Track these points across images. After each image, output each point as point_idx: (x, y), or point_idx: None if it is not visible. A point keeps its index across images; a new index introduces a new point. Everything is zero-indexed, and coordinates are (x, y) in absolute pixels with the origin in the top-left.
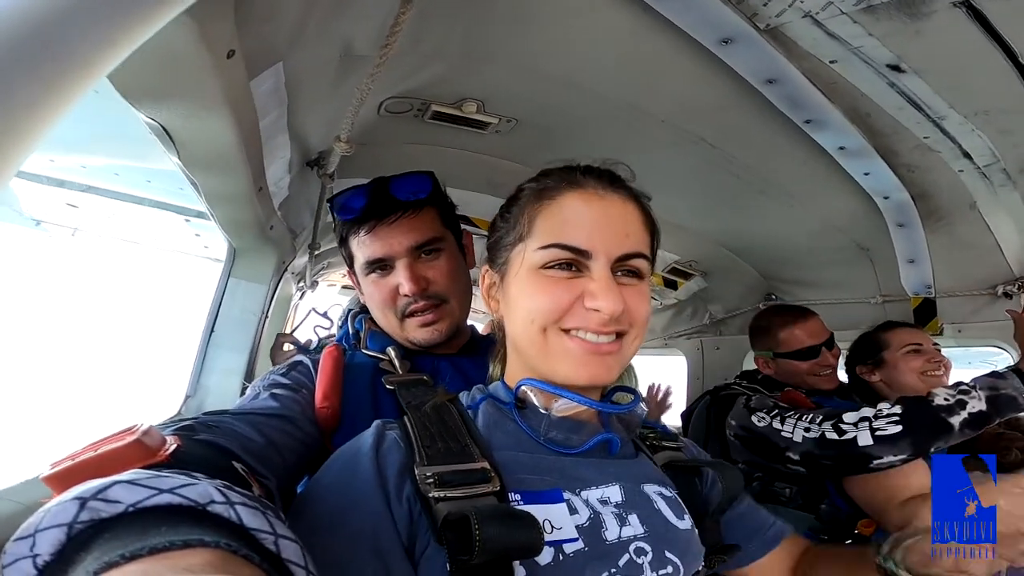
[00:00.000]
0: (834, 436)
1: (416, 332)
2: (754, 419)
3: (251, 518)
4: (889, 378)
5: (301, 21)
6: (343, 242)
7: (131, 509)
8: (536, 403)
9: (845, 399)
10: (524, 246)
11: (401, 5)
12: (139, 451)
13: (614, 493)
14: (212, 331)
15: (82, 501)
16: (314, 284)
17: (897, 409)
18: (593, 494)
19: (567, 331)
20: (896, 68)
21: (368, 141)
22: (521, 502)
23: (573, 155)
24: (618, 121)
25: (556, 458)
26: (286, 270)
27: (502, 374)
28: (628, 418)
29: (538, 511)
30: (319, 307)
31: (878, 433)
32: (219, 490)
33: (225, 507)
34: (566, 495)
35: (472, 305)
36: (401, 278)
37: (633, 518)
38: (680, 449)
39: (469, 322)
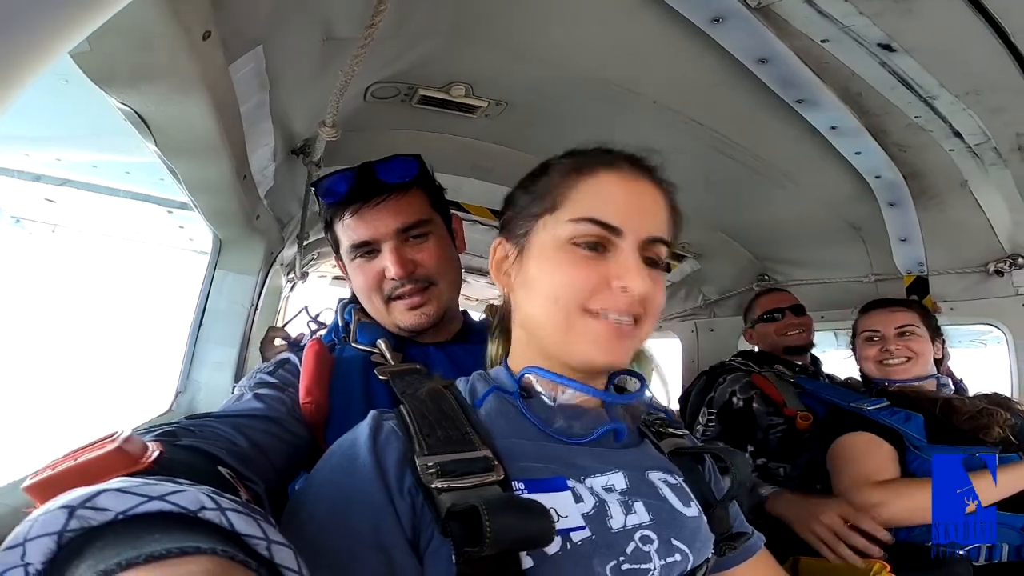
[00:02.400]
0: None
1: (403, 316)
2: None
3: (243, 524)
4: (860, 366)
5: (281, 2)
6: (328, 227)
7: (121, 517)
8: (541, 391)
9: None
10: (553, 218)
11: None
12: (121, 459)
13: (618, 480)
14: (200, 325)
15: (70, 509)
16: (304, 275)
17: None
18: (597, 481)
19: (591, 312)
20: (887, 47)
21: (354, 127)
22: (525, 491)
23: (564, 138)
24: (610, 102)
25: (559, 446)
26: (275, 261)
27: (505, 356)
28: (634, 406)
29: (543, 500)
30: (312, 308)
31: None
32: (209, 496)
33: (216, 513)
34: (570, 483)
35: (464, 291)
36: (387, 261)
37: (639, 506)
38: (684, 436)
39: (461, 308)
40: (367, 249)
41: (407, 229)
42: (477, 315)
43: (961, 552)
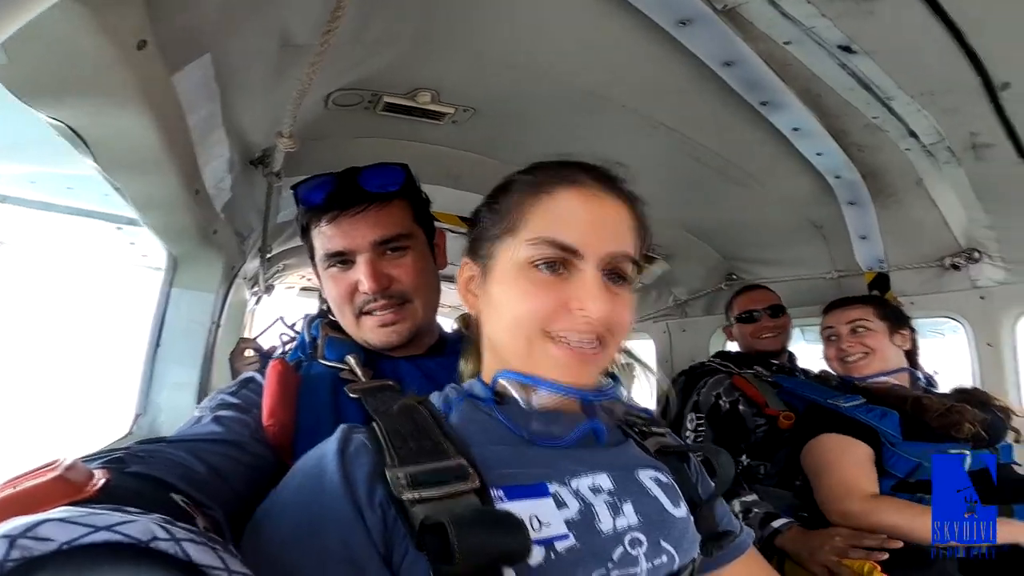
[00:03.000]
0: None
1: (372, 333)
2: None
3: (200, 554)
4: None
5: (228, 9)
6: (304, 232)
7: (65, 547)
8: (516, 396)
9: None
10: (514, 239)
11: None
12: (62, 488)
13: (604, 481)
14: (158, 345)
15: (10, 539)
16: (270, 288)
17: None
18: (583, 482)
19: (551, 336)
20: (847, 49)
21: (316, 136)
22: (504, 499)
23: (534, 143)
24: (578, 107)
25: (539, 451)
26: (236, 276)
27: (477, 371)
28: (611, 405)
29: (523, 507)
30: (287, 318)
31: None
32: (161, 526)
33: (171, 543)
34: (552, 487)
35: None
36: (361, 274)
37: (627, 507)
38: (667, 435)
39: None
40: (341, 259)
41: (385, 242)
42: (450, 322)
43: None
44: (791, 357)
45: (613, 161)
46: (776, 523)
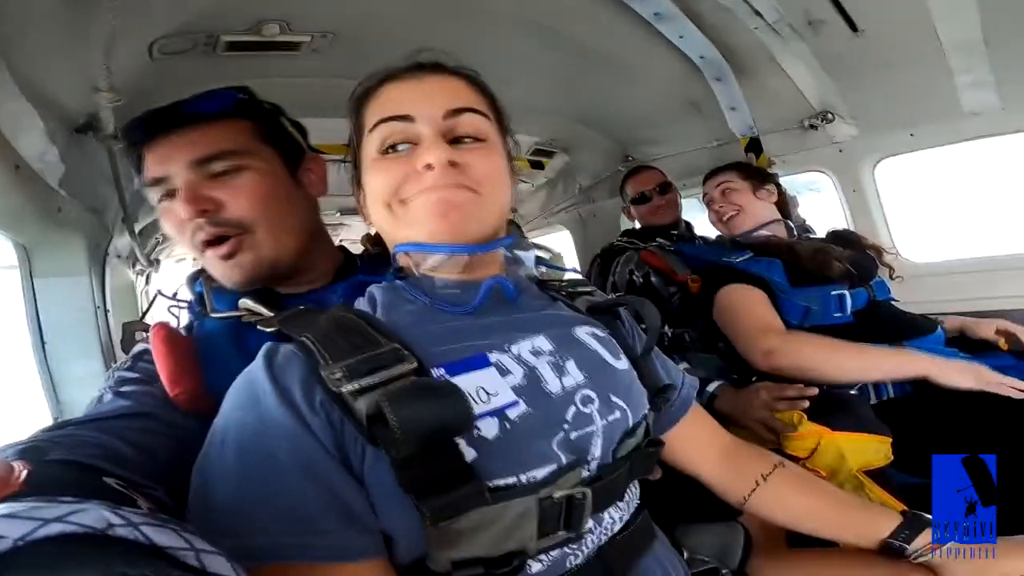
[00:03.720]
0: None
1: (215, 269)
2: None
3: (161, 536)
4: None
5: None
6: (138, 173)
7: (20, 543)
8: (411, 266)
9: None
10: (362, 145)
11: None
12: None
13: (543, 343)
14: (44, 343)
15: None
16: (155, 263)
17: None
18: (523, 347)
19: (408, 201)
20: None
21: (148, 89)
22: (446, 375)
23: (400, 56)
24: (447, 18)
25: (469, 322)
26: (107, 255)
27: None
28: (513, 263)
29: (467, 380)
30: (165, 290)
31: None
32: (114, 512)
33: (129, 529)
34: (493, 357)
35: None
36: (179, 199)
37: (570, 364)
38: (594, 293)
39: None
40: (164, 189)
41: (206, 161)
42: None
43: (853, 392)
44: (688, 226)
45: (431, 50)
46: (710, 387)
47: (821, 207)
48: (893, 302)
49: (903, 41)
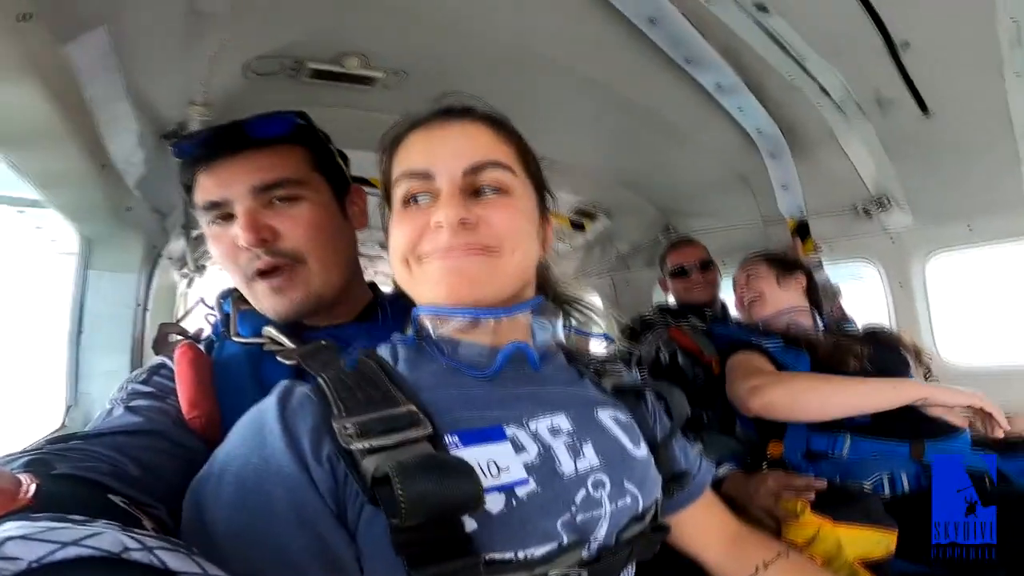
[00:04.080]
0: None
1: (266, 300)
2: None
3: (176, 561)
4: None
5: None
6: (188, 192)
7: (34, 566)
8: (430, 328)
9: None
10: (391, 191)
11: None
12: None
13: (563, 421)
14: (80, 332)
15: None
16: (201, 269)
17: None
18: (541, 424)
19: (423, 258)
20: (762, 8)
21: (236, 107)
22: (459, 444)
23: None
24: (511, 66)
25: (491, 391)
26: (160, 256)
27: None
28: (543, 332)
29: (479, 452)
30: (208, 298)
31: None
32: (130, 536)
33: (143, 553)
34: (510, 430)
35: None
36: (237, 226)
37: (587, 448)
38: (623, 374)
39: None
40: (220, 212)
41: (267, 188)
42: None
43: (867, 484)
44: (724, 307)
45: (466, 95)
46: (719, 471)
47: (860, 296)
48: None
49: (973, 126)
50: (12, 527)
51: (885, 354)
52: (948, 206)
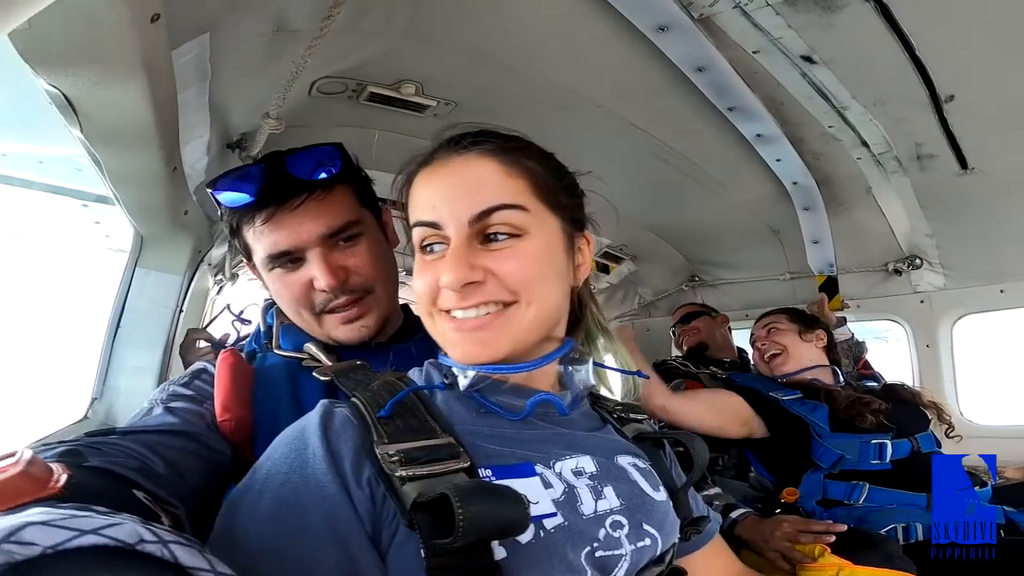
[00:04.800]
0: None
1: (339, 330)
2: None
3: (186, 556)
4: None
5: None
6: (235, 232)
7: (49, 551)
8: (457, 376)
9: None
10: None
11: None
12: (27, 484)
13: (587, 464)
14: (118, 328)
15: None
16: (234, 277)
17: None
18: (566, 465)
19: (443, 312)
20: (809, 59)
21: (297, 123)
22: (492, 478)
23: None
24: (556, 105)
25: (521, 431)
26: (202, 260)
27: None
28: (582, 383)
29: (513, 486)
30: (235, 306)
31: None
32: (147, 528)
33: (157, 546)
34: (538, 468)
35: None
36: (316, 271)
37: (608, 491)
38: (644, 422)
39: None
40: (288, 258)
41: (335, 233)
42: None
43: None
44: (743, 356)
45: (476, 124)
46: (734, 513)
47: (884, 354)
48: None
49: (1013, 184)
50: (36, 513)
51: (903, 409)
52: (981, 267)
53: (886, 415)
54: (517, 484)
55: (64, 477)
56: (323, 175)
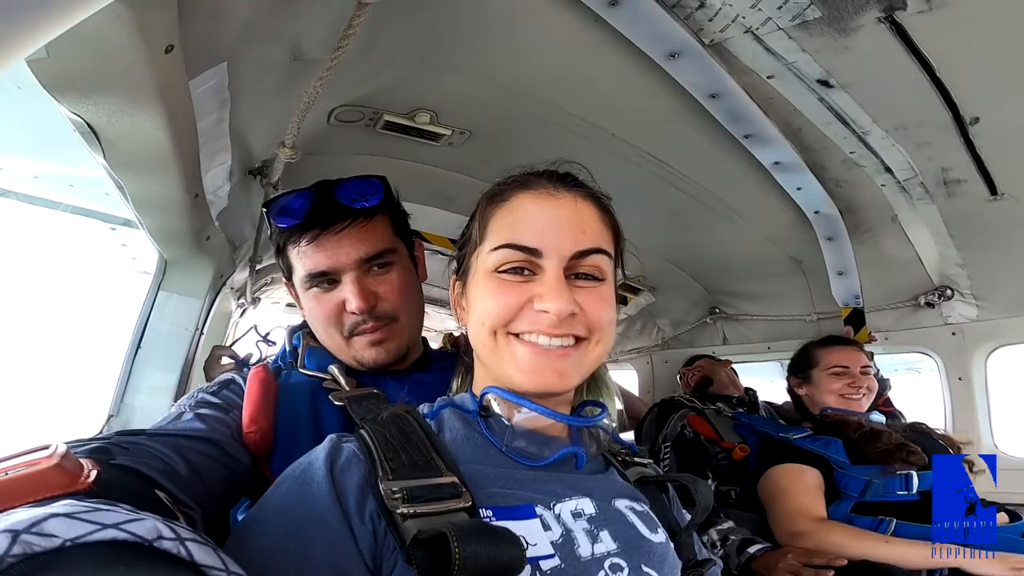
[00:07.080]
0: None
1: (365, 352)
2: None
3: (202, 554)
4: (812, 395)
5: (249, 20)
6: (280, 251)
7: (68, 544)
8: (499, 412)
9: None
10: (479, 250)
11: (356, 8)
12: (59, 477)
13: (587, 506)
14: (138, 348)
15: (13, 534)
16: (256, 301)
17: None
18: (566, 507)
19: (518, 335)
20: (825, 83)
21: (316, 151)
22: (493, 518)
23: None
24: (571, 134)
25: (525, 472)
26: (224, 284)
27: (469, 387)
28: (596, 432)
29: (512, 528)
30: (261, 328)
31: None
32: (167, 525)
33: (174, 543)
34: (538, 510)
35: (424, 323)
36: (348, 293)
37: (605, 534)
38: (648, 466)
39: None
40: (326, 279)
41: (370, 259)
42: (436, 345)
43: None
44: (752, 395)
45: (569, 161)
46: (752, 548)
47: (914, 387)
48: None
49: None
50: (61, 505)
51: (928, 442)
52: (1016, 298)
53: (908, 450)
54: (517, 525)
55: (94, 473)
56: (366, 204)
